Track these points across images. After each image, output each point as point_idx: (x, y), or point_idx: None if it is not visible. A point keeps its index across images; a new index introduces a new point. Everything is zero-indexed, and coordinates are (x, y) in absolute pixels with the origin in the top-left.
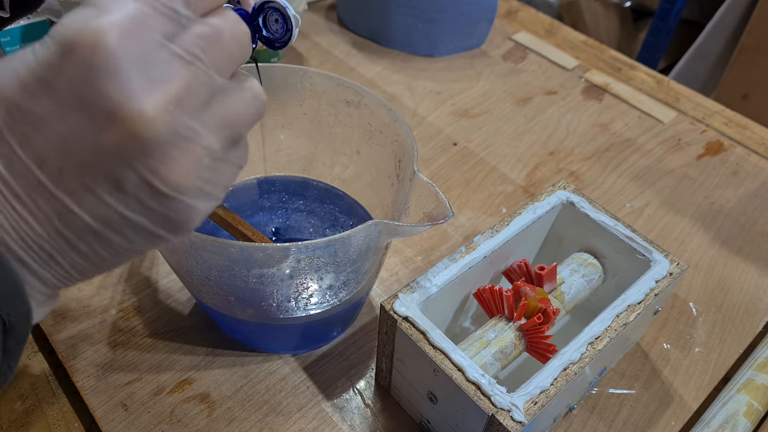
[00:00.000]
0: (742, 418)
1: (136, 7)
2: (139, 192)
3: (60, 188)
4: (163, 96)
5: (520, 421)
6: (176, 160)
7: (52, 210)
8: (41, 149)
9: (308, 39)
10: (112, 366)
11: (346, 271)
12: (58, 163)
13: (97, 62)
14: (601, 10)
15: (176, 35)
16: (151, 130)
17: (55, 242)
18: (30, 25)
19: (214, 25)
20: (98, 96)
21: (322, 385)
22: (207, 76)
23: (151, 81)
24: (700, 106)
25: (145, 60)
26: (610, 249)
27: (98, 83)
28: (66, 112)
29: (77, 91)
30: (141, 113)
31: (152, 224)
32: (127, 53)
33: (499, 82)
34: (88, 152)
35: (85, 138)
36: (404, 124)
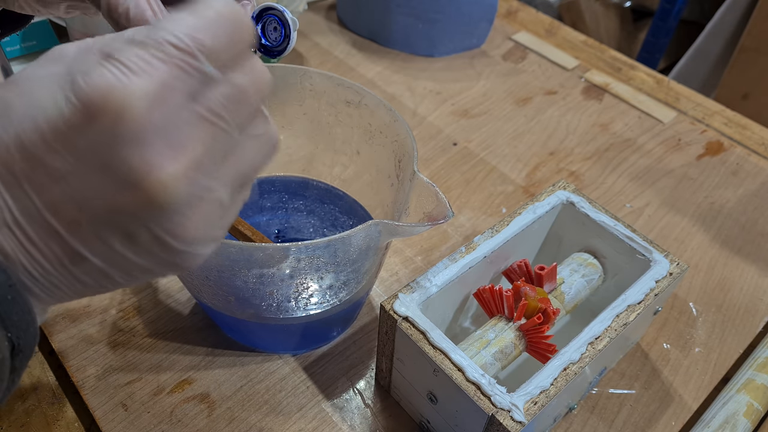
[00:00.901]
0: (742, 418)
1: (165, 70)
2: (150, 246)
3: (73, 236)
4: (183, 162)
5: (520, 421)
6: (190, 219)
7: (64, 253)
8: (57, 201)
9: (308, 39)
10: (112, 366)
11: (346, 271)
12: (73, 216)
13: (121, 130)
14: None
15: (201, 95)
16: (168, 197)
17: (63, 278)
18: (30, 25)
19: (238, 84)
20: (119, 162)
21: (322, 385)
22: (227, 135)
23: (173, 147)
24: (700, 106)
25: (169, 125)
26: (610, 249)
27: (121, 150)
28: (85, 172)
29: (99, 154)
30: (160, 182)
31: (158, 268)
32: (151, 121)
33: (499, 82)
34: (104, 210)
35: (102, 198)
36: (404, 124)
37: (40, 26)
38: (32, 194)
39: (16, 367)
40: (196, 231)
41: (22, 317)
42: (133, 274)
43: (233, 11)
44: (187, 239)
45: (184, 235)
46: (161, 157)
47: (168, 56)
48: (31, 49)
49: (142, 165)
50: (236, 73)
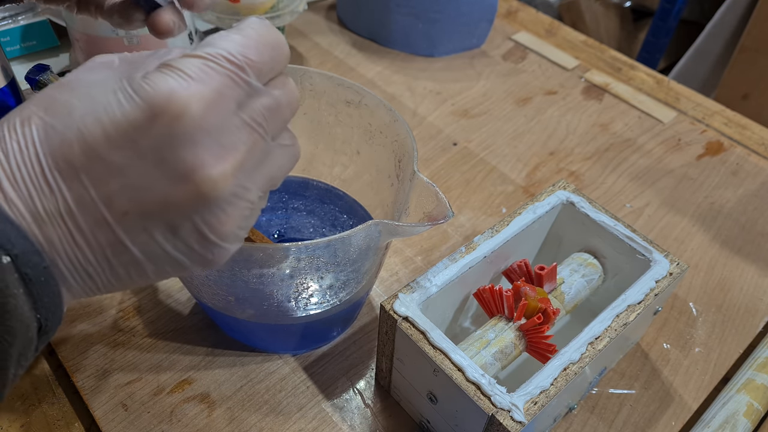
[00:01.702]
0: (742, 418)
1: (219, 80)
2: (189, 238)
3: (120, 227)
4: (231, 163)
5: (520, 421)
6: (228, 215)
7: (108, 243)
8: (113, 193)
9: (308, 39)
10: (112, 366)
11: (346, 271)
12: (125, 207)
13: (180, 130)
14: (601, 10)
15: (246, 104)
16: (215, 192)
17: (99, 267)
18: (30, 25)
19: (276, 97)
20: (176, 159)
21: (322, 385)
22: (265, 142)
23: (222, 148)
24: (700, 106)
25: (220, 129)
26: (610, 249)
27: (179, 148)
28: (143, 167)
29: (158, 151)
30: (210, 178)
31: (190, 262)
32: (206, 123)
33: (499, 82)
34: (155, 203)
35: (155, 192)
36: (404, 124)
37: (40, 26)
38: (89, 186)
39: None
40: (231, 227)
41: (52, 300)
42: (164, 269)
43: (275, 34)
44: (222, 234)
45: (221, 229)
46: (213, 156)
47: (222, 68)
48: (31, 49)
49: (195, 161)
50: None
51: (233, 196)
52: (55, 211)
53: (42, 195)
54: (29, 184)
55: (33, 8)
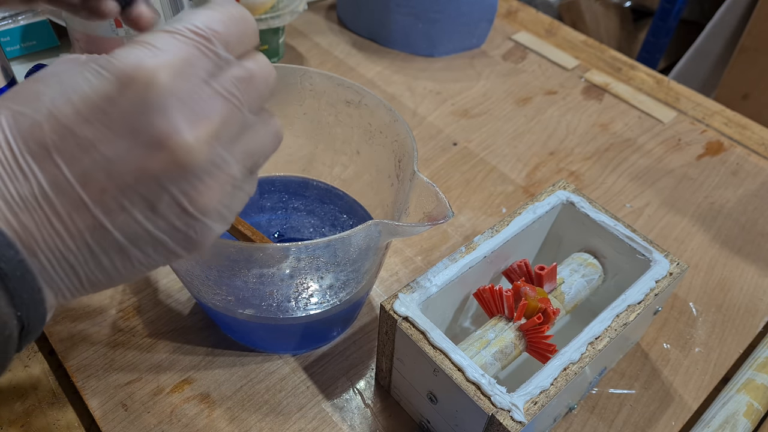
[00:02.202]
0: (742, 418)
1: (186, 49)
2: (169, 213)
3: (99, 207)
4: (204, 129)
5: (520, 421)
6: (207, 185)
7: (87, 226)
8: (88, 170)
9: (308, 39)
10: (112, 366)
11: (346, 271)
12: (102, 185)
13: (151, 97)
14: (601, 10)
15: (217, 75)
16: (191, 159)
17: (81, 255)
18: (30, 25)
19: (248, 68)
20: (149, 126)
21: (322, 385)
22: (240, 113)
23: (195, 115)
24: (700, 106)
25: (191, 96)
26: (610, 249)
27: (150, 115)
28: (116, 138)
29: (130, 120)
30: (185, 143)
31: (173, 242)
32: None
33: (499, 82)
34: (132, 175)
35: (130, 162)
36: (404, 124)
37: (40, 26)
38: (63, 165)
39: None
40: (211, 200)
41: (31, 295)
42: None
43: (240, 9)
44: (202, 207)
45: (200, 201)
46: (185, 123)
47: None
48: (31, 49)
49: (168, 128)
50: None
51: (211, 165)
52: (30, 196)
53: (15, 181)
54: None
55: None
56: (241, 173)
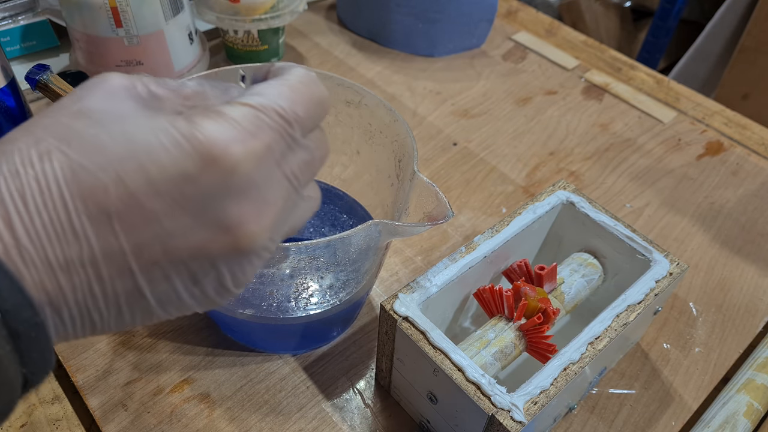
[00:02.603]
0: (742, 418)
1: (270, 134)
2: (209, 287)
3: (144, 277)
4: (270, 218)
5: (520, 421)
6: (254, 266)
7: (125, 291)
8: (145, 242)
9: (308, 39)
10: (112, 366)
11: (346, 271)
12: (155, 257)
13: (231, 183)
14: (601, 10)
15: (288, 158)
16: (251, 246)
17: (107, 314)
18: (30, 25)
19: (312, 151)
20: (221, 211)
21: (322, 385)
22: (297, 195)
23: (265, 203)
24: (700, 106)
25: (265, 183)
26: (610, 249)
27: (225, 201)
28: (184, 216)
29: (203, 201)
30: (251, 233)
31: (198, 306)
32: (255, 178)
33: (499, 82)
34: (188, 252)
35: (191, 241)
36: (404, 124)
37: (40, 26)
38: (121, 234)
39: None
40: (250, 278)
41: (41, 355)
42: (169, 313)
43: (321, 90)
44: (241, 284)
45: (242, 280)
46: (256, 211)
47: (273, 122)
48: (30, 49)
49: (241, 216)
50: (311, 142)
51: (263, 250)
52: (77, 260)
53: (64, 242)
54: (50, 229)
55: (33, 8)
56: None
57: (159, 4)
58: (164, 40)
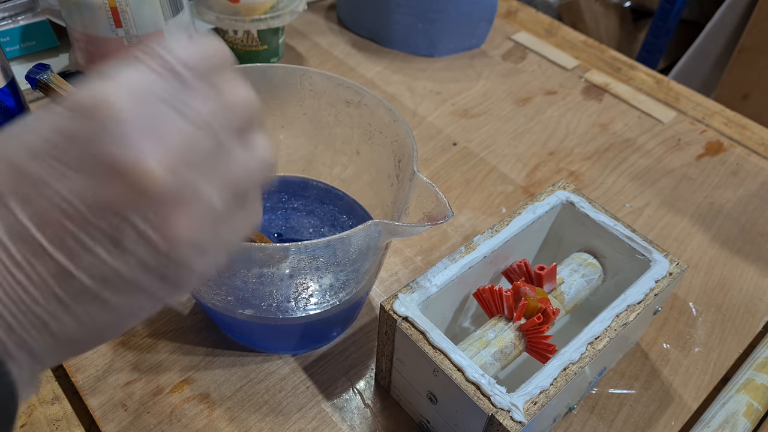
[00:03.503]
0: (742, 418)
1: (146, 75)
2: (136, 248)
3: (59, 251)
4: (166, 152)
5: (519, 421)
6: (175, 215)
7: (50, 273)
8: (42, 210)
9: (308, 39)
10: (112, 366)
11: (346, 271)
12: (59, 224)
13: (107, 124)
14: (601, 10)
15: (184, 100)
16: (151, 184)
17: (50, 307)
18: (30, 25)
19: (222, 91)
20: (106, 155)
21: (322, 385)
22: (212, 139)
23: (156, 139)
24: (700, 106)
25: (151, 120)
26: (609, 249)
27: (105, 143)
28: (70, 173)
29: (85, 151)
30: (144, 168)
31: (149, 284)
32: (135, 115)
33: (499, 82)
34: (90, 209)
35: (87, 197)
36: (404, 124)
37: (39, 26)
38: (17, 209)
39: None
40: (182, 232)
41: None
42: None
43: (211, 39)
44: (172, 238)
45: (168, 232)
46: (144, 148)
47: (148, 66)
48: (30, 49)
49: (127, 152)
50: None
51: (177, 192)
52: None
53: None
54: None
55: (33, 8)
56: (222, 203)
57: (158, 4)
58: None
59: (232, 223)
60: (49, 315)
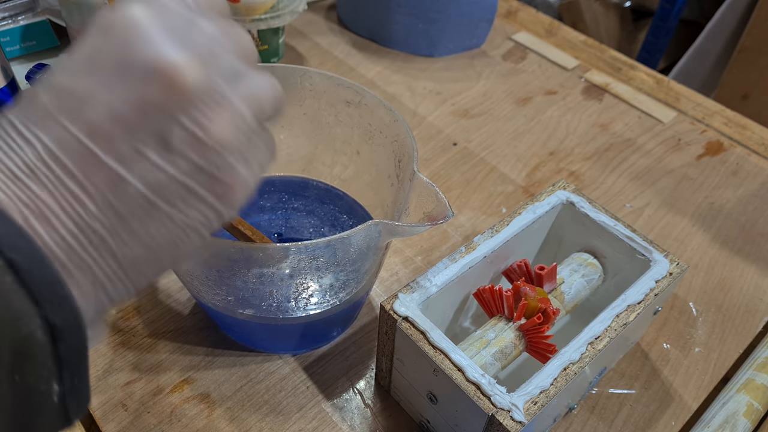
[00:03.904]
0: (742, 418)
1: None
2: (184, 147)
3: (111, 156)
4: (193, 53)
5: (520, 421)
6: (215, 113)
7: (104, 182)
8: (91, 120)
9: (308, 39)
10: (112, 366)
11: (346, 271)
12: (108, 131)
13: (133, 33)
14: (601, 10)
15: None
16: (188, 80)
17: (107, 220)
18: (30, 25)
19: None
20: (137, 60)
21: (322, 385)
22: (228, 57)
23: (181, 43)
24: (700, 106)
25: (173, 30)
26: (610, 249)
27: (136, 49)
28: (111, 81)
29: (118, 60)
30: (177, 64)
31: (200, 186)
32: (157, 25)
33: (499, 82)
34: (134, 113)
35: (130, 100)
36: (404, 124)
37: (39, 26)
38: (66, 122)
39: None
40: (225, 132)
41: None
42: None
43: None
44: (218, 137)
45: (213, 129)
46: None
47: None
48: (30, 49)
49: (157, 54)
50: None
51: (213, 92)
52: (37, 160)
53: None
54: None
55: (33, 8)
56: (249, 114)
57: None
58: None
59: (259, 139)
60: (106, 231)
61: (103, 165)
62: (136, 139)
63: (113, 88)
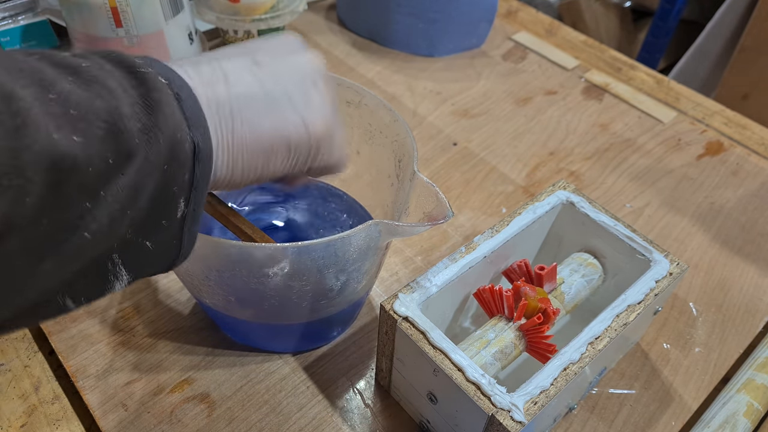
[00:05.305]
0: (742, 418)
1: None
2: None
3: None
4: (326, 118)
5: (520, 421)
6: (338, 140)
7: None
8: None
9: (308, 39)
10: (112, 366)
11: (346, 271)
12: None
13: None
14: (601, 10)
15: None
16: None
17: (236, 104)
18: (30, 25)
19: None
20: (298, 110)
21: (322, 385)
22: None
23: (318, 111)
24: (700, 106)
25: (310, 96)
26: (610, 249)
27: (300, 107)
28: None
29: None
30: (317, 124)
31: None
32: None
33: (499, 82)
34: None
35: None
36: (404, 124)
37: (40, 26)
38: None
39: (196, 176)
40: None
41: (199, 122)
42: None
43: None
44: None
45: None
46: (315, 115)
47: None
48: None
49: (307, 117)
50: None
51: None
52: (212, 75)
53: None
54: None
55: (33, 8)
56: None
57: (159, 4)
58: (164, 40)
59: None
60: (233, 111)
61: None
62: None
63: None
